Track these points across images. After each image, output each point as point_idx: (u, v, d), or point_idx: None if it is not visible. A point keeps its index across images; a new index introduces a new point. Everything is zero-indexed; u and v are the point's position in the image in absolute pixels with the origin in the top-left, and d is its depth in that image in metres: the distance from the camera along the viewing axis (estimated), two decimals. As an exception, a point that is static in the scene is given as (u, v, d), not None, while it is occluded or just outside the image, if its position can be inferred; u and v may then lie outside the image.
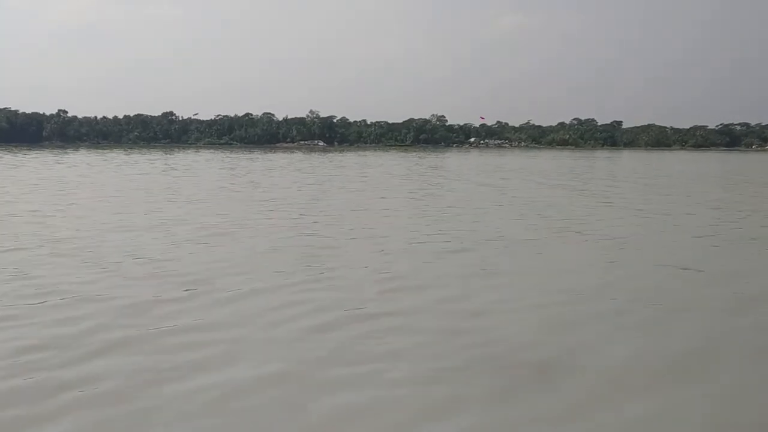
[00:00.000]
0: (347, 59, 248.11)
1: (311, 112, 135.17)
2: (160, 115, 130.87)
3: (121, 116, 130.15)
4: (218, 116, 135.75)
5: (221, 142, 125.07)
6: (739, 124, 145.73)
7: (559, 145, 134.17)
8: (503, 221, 17.44)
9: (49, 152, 74.52)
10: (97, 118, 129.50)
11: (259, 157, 70.47)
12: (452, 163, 61.19)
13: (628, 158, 79.97)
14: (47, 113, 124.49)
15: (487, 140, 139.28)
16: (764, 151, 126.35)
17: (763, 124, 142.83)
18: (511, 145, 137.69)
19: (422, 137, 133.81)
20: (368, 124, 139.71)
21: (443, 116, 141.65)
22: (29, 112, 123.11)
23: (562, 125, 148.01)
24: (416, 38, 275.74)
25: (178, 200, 22.09)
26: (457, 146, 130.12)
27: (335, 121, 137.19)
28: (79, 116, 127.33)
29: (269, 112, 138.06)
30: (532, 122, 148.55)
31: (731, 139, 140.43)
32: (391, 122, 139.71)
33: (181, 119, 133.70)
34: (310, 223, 16.62)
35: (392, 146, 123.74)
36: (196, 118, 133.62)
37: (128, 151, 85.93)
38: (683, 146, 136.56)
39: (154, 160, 57.42)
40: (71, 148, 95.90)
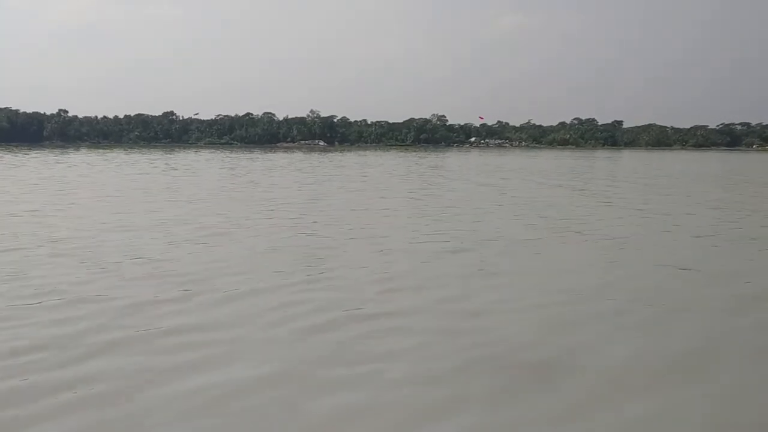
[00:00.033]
0: (347, 59, 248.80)
1: (312, 111, 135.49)
2: (160, 114, 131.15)
3: (121, 116, 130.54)
4: (219, 116, 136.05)
5: (222, 141, 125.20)
6: (739, 123, 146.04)
7: (559, 144, 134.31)
8: (503, 221, 17.43)
9: (49, 152, 74.58)
10: (97, 117, 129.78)
11: (259, 156, 70.52)
12: (452, 162, 61.17)
13: (628, 158, 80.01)
14: (48, 113, 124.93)
15: (487, 140, 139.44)
16: (765, 150, 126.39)
17: (763, 123, 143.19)
18: (511, 144, 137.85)
19: (423, 137, 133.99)
20: (369, 123, 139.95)
21: (443, 116, 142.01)
22: (30, 111, 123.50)
23: (562, 125, 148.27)
24: (416, 38, 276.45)
25: (177, 200, 22.07)
26: (457, 146, 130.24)
27: (336, 120, 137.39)
28: (79, 116, 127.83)
29: (270, 111, 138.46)
30: (532, 122, 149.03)
31: (732, 138, 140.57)
32: (391, 122, 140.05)
33: (181, 119, 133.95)
34: (309, 223, 16.60)
35: (393, 146, 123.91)
36: (196, 117, 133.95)
37: (129, 150, 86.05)
38: (684, 146, 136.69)
39: (154, 159, 57.44)
40: (72, 147, 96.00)
